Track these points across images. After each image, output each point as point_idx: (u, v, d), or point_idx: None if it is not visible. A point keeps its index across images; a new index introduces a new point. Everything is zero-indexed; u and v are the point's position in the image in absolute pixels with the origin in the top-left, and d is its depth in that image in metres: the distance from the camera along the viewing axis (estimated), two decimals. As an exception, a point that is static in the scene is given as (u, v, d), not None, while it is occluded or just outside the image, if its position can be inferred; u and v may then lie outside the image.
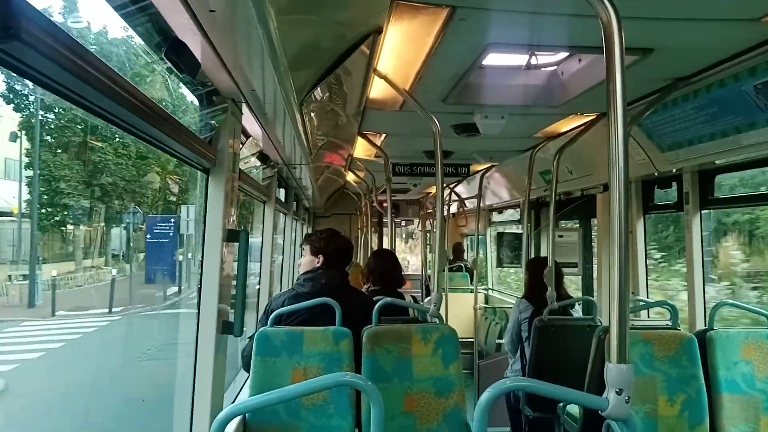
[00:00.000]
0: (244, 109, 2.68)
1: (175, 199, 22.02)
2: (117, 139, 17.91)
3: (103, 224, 19.09)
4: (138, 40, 1.78)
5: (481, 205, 8.02)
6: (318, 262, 3.35)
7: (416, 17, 2.31)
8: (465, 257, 10.92)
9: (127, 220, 17.66)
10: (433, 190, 9.73)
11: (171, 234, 18.24)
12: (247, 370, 3.07)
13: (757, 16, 2.27)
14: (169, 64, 1.76)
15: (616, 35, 1.47)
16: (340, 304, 3.12)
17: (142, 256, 18.76)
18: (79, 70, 1.15)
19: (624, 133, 1.47)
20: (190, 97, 2.44)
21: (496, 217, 9.24)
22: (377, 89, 3.30)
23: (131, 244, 18.91)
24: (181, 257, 18.23)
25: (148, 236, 18.24)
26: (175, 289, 17.68)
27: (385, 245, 8.68)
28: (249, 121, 3.06)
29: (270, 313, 3.15)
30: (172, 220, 18.76)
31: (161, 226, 18.48)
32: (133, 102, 1.43)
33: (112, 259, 18.82)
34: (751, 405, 3.09)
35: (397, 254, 5.14)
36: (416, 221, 12.87)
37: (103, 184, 17.85)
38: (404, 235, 17.55)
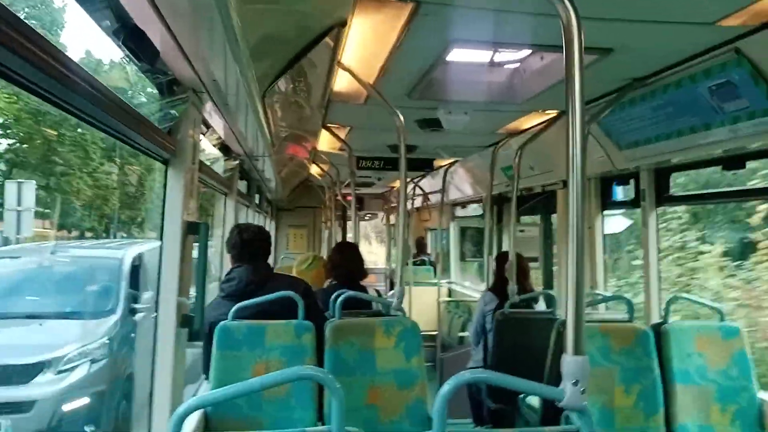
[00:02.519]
0: (206, 99, 2.63)
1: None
2: None
3: None
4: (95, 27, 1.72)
5: (445, 199, 8.07)
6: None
7: (381, 11, 2.31)
8: (428, 251, 10.98)
9: None
10: (397, 184, 9.75)
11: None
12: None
13: (712, 20, 2.34)
14: (127, 52, 1.71)
15: (575, 35, 1.49)
16: (267, 294, 2.98)
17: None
18: (31, 56, 1.10)
19: (582, 131, 1.49)
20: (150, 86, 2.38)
21: (459, 211, 9.31)
22: (342, 82, 3.29)
23: None
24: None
25: None
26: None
27: (350, 238, 8.67)
28: (211, 112, 3.01)
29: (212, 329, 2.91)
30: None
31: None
32: (89, 91, 1.39)
33: None
34: (704, 395, 3.19)
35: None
36: (380, 215, 12.87)
37: None
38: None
